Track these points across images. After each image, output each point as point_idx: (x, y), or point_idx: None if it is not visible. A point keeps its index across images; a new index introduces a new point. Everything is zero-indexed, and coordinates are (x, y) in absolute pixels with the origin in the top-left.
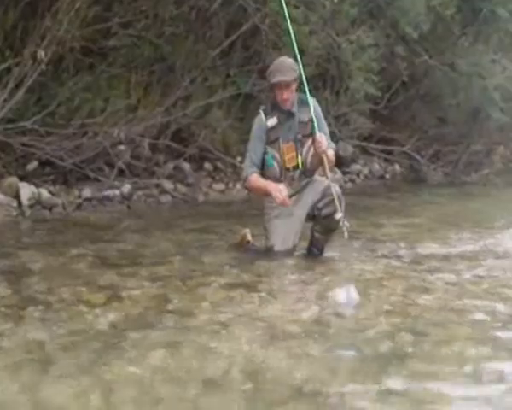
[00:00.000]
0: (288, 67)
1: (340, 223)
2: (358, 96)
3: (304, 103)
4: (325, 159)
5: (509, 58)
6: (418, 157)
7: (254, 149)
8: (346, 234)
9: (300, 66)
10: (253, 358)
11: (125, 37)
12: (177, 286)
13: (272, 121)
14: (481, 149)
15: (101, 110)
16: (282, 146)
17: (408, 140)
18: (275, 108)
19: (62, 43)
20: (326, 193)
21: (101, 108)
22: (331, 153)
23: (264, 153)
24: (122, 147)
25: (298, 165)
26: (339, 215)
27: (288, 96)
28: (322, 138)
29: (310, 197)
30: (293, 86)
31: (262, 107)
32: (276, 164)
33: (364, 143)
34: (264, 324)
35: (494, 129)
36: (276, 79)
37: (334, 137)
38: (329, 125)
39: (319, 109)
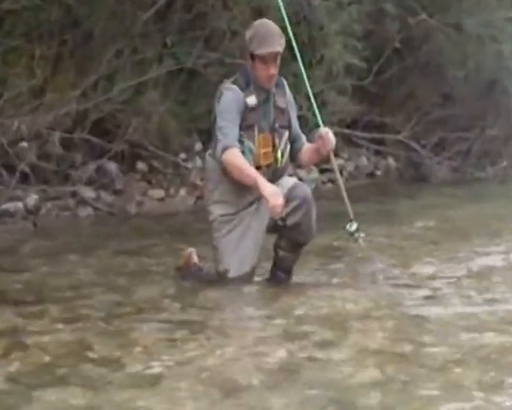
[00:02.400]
0: (275, 34)
1: (355, 235)
2: (337, 68)
3: (279, 85)
4: (333, 158)
5: None
6: (418, 147)
7: (233, 121)
8: (361, 243)
9: (291, 35)
10: None
11: None
12: (100, 328)
13: (252, 100)
14: (498, 134)
15: None
16: (256, 136)
17: (404, 125)
18: (250, 84)
19: None
20: (291, 196)
21: None
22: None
23: (239, 141)
24: (24, 144)
25: (273, 162)
26: (353, 226)
27: (275, 72)
28: (330, 134)
29: None
30: (279, 59)
31: (230, 79)
32: (251, 159)
33: (348, 131)
34: (213, 374)
35: None
36: (263, 49)
37: (306, 124)
38: (300, 108)
39: (291, 95)
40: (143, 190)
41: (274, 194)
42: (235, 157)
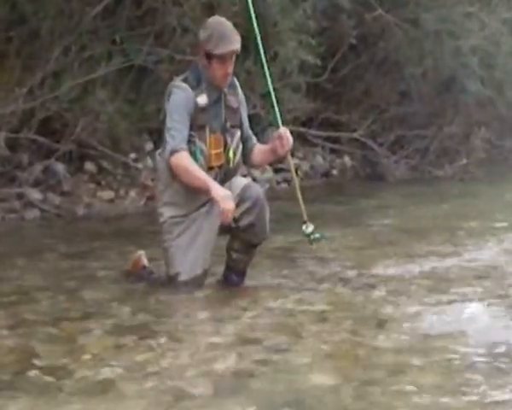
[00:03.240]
0: (233, 32)
1: (311, 237)
2: (291, 66)
3: (232, 85)
4: (290, 158)
5: (488, 11)
6: (374, 146)
7: (182, 122)
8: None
9: (257, 31)
10: None
11: None
12: (47, 333)
13: (203, 99)
14: (457, 132)
15: None
16: (208, 137)
17: (360, 123)
18: (201, 82)
19: None
20: (244, 196)
21: None
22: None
23: (190, 141)
24: None
25: (225, 163)
26: (309, 228)
27: (231, 71)
28: (288, 134)
29: None
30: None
31: (180, 77)
32: (202, 161)
33: (303, 129)
34: (163, 380)
35: (472, 105)
36: (222, 48)
37: (260, 122)
38: (254, 106)
39: (243, 95)
40: (92, 191)
41: (225, 198)
42: (184, 160)
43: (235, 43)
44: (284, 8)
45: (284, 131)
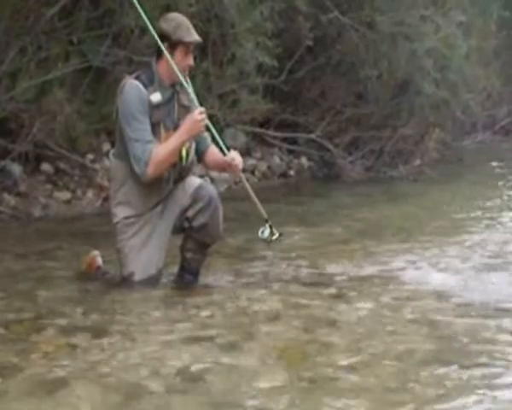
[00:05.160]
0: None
1: (268, 238)
2: (248, 67)
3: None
4: (244, 180)
5: (442, 14)
6: (331, 146)
7: (142, 127)
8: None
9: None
10: None
11: None
12: None
13: (156, 97)
14: (411, 133)
15: None
16: (162, 134)
17: (317, 124)
18: (154, 81)
19: None
20: (198, 196)
21: None
22: (240, 160)
23: None
24: None
25: (179, 161)
26: (265, 233)
27: (193, 64)
28: (237, 160)
29: (177, 205)
30: None
31: (133, 75)
32: None
33: (260, 130)
34: (115, 380)
35: (427, 107)
36: (191, 37)
37: (218, 123)
38: (212, 107)
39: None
40: (49, 192)
41: (192, 121)
42: (155, 159)
43: (195, 35)
44: (242, 9)
45: (231, 159)
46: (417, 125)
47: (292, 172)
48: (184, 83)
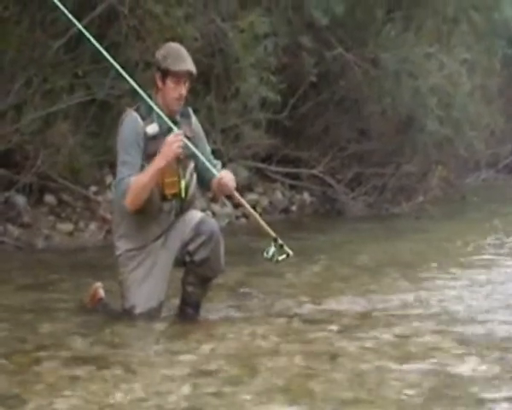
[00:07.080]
0: (188, 56)
1: (274, 258)
2: (252, 102)
3: (185, 115)
4: (237, 196)
5: (447, 51)
6: (333, 182)
7: (130, 158)
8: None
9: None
10: None
11: None
12: (1, 365)
13: (153, 128)
14: (414, 170)
15: None
16: None
17: (320, 160)
18: (153, 111)
19: None
20: (199, 230)
21: None
22: (230, 178)
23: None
24: None
25: (179, 193)
26: (270, 252)
27: (185, 94)
28: (226, 179)
29: (178, 238)
30: (188, 83)
31: (133, 107)
32: (155, 189)
33: (262, 165)
34: None
35: (430, 144)
36: (178, 66)
37: (220, 157)
38: (214, 142)
39: (199, 125)
40: (52, 223)
41: (166, 145)
42: (132, 190)
43: (190, 65)
44: (246, 44)
45: (220, 177)
46: (420, 162)
47: (294, 208)
48: (163, 115)
